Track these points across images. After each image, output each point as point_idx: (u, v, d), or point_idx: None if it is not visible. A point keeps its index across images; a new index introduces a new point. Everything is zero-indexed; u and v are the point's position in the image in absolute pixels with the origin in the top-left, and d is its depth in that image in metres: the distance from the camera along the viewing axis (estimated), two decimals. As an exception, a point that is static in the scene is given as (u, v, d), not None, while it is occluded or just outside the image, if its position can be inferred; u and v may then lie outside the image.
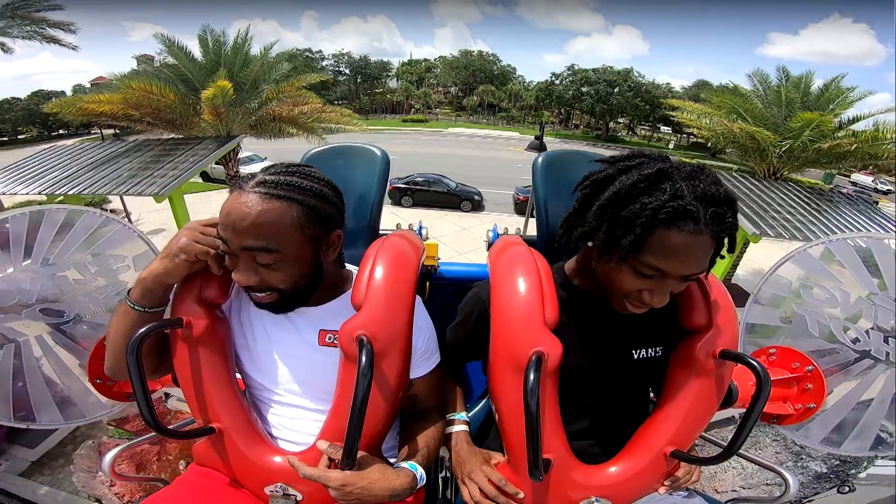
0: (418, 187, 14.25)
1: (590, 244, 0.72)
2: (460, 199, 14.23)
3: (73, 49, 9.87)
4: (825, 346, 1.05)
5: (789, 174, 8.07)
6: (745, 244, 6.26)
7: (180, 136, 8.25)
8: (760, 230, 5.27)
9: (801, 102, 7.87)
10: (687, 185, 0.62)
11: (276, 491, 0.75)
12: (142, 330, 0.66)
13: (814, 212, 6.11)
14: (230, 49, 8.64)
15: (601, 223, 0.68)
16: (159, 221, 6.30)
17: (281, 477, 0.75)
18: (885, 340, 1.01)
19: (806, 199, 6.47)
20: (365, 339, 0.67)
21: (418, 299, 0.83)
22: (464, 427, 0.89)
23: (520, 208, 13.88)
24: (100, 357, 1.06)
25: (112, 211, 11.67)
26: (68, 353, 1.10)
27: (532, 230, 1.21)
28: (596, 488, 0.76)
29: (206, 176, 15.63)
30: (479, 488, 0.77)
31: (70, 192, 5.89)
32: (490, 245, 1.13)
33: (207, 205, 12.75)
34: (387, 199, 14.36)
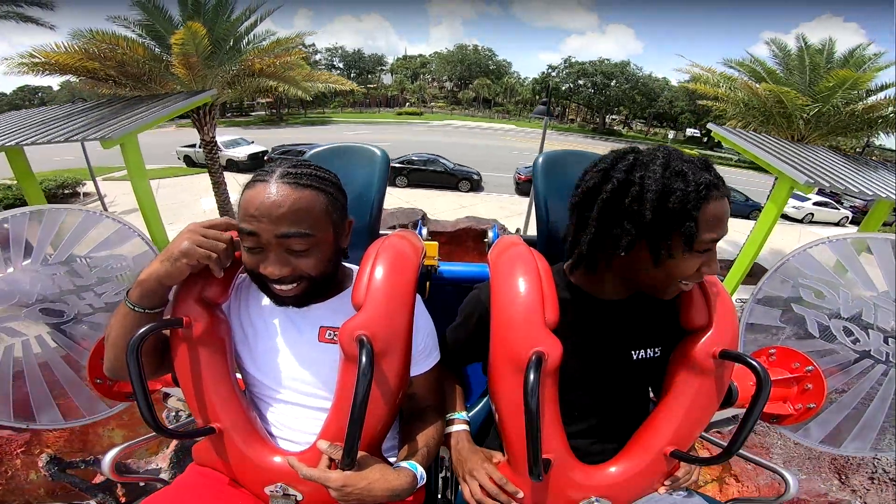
0: (413, 167, 13.71)
1: (641, 252, 0.70)
2: (458, 179, 13.71)
3: (51, 28, 8.63)
4: (825, 346, 1.05)
5: (815, 142, 7.41)
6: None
7: (148, 95, 7.16)
8: (814, 180, 4.81)
9: (826, 68, 7.40)
10: (683, 164, 0.67)
11: (276, 491, 0.75)
12: (141, 330, 0.66)
13: (856, 171, 5.68)
14: (211, 7, 7.51)
15: (645, 226, 0.67)
16: (133, 202, 6.11)
17: (281, 477, 0.75)
18: (885, 340, 1.01)
19: (844, 161, 6.08)
20: (365, 339, 0.67)
21: (418, 297, 0.83)
22: (464, 426, 0.89)
23: (521, 188, 13.52)
24: (100, 357, 1.06)
25: (85, 194, 11.80)
26: (68, 352, 1.10)
27: (532, 231, 1.21)
28: (596, 488, 0.76)
29: (189, 161, 15.32)
30: (480, 486, 0.77)
31: (6, 144, 5.11)
32: (490, 245, 1.13)
33: (190, 185, 12.74)
34: None
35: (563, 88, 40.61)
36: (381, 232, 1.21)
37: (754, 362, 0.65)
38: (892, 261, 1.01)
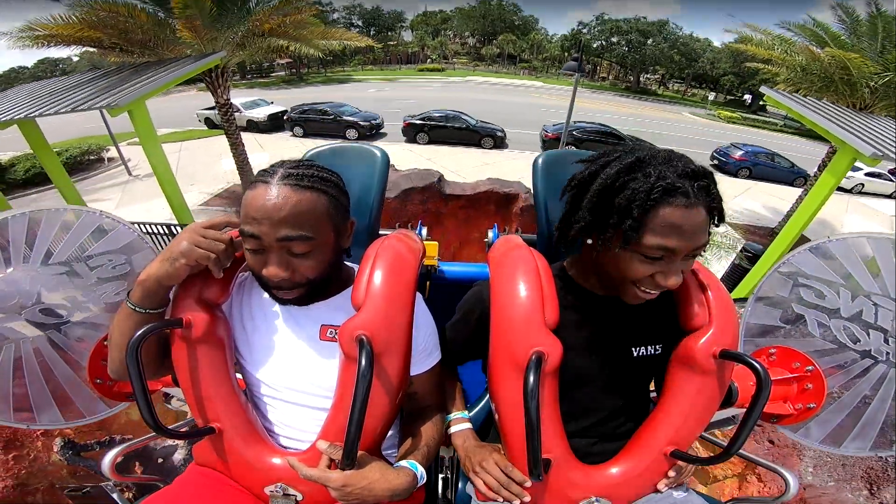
0: (434, 123, 13.32)
1: (589, 241, 0.73)
2: (481, 136, 13.29)
3: (55, 1, 7.83)
4: (825, 346, 1.05)
5: (880, 112, 7.02)
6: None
7: (154, 60, 7.01)
8: (881, 152, 4.44)
9: None
10: (666, 167, 0.65)
11: (276, 491, 0.75)
12: (141, 331, 0.66)
13: None
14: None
15: (596, 215, 0.70)
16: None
17: (281, 477, 0.75)
18: (885, 340, 1.01)
19: None
20: (365, 339, 0.67)
21: (419, 296, 0.83)
22: (468, 425, 0.90)
23: (549, 146, 12.98)
24: (100, 357, 1.06)
25: (110, 160, 11.95)
26: (68, 353, 1.10)
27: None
28: (596, 488, 0.76)
29: (210, 123, 15.27)
30: (493, 476, 0.76)
31: (15, 118, 5.11)
32: (490, 245, 1.13)
33: (210, 147, 12.84)
34: (400, 135, 13.78)
35: (595, 46, 38.89)
36: (381, 232, 1.21)
37: (755, 362, 0.65)
38: (893, 261, 1.01)
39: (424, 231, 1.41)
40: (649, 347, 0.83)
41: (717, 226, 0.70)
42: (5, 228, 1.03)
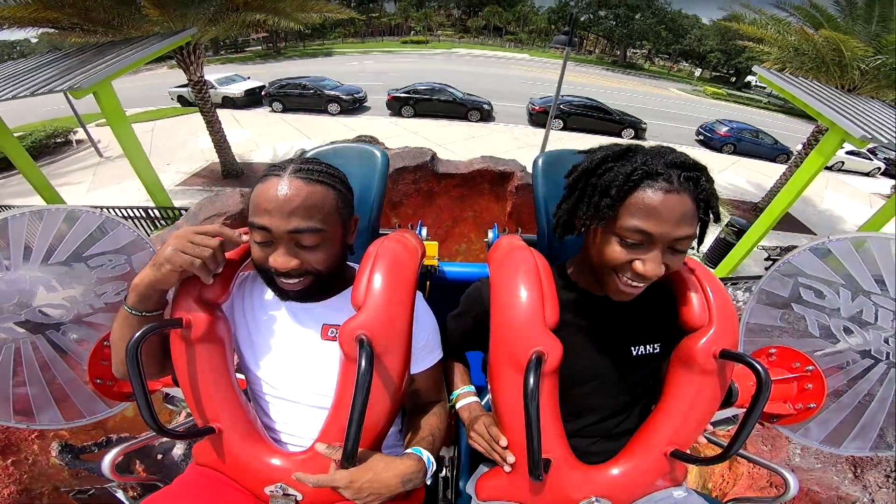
0: (420, 96, 13.18)
1: (578, 225, 0.75)
2: (468, 109, 13.16)
3: None
4: (825, 346, 1.05)
5: (867, 94, 7.04)
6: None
7: (119, 39, 6.52)
8: (871, 135, 4.44)
9: None
10: (655, 156, 0.66)
11: (276, 491, 0.75)
12: (140, 331, 0.66)
13: None
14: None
15: (581, 196, 0.72)
16: None
17: (281, 477, 0.75)
18: (885, 340, 1.01)
19: None
20: (365, 339, 0.67)
21: (419, 294, 0.84)
22: (474, 398, 0.92)
23: (535, 119, 13.06)
24: (99, 357, 1.06)
25: (78, 142, 11.54)
26: (68, 353, 1.10)
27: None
28: (596, 488, 0.76)
29: (183, 101, 14.96)
30: (482, 438, 0.80)
31: None
32: (490, 245, 1.13)
33: (184, 126, 12.42)
34: (385, 109, 13.57)
35: (583, 19, 38.78)
36: (380, 231, 1.21)
37: (755, 362, 0.65)
38: (893, 261, 1.01)
39: (424, 231, 1.41)
40: (648, 347, 0.83)
41: (715, 222, 0.70)
42: (5, 228, 1.03)
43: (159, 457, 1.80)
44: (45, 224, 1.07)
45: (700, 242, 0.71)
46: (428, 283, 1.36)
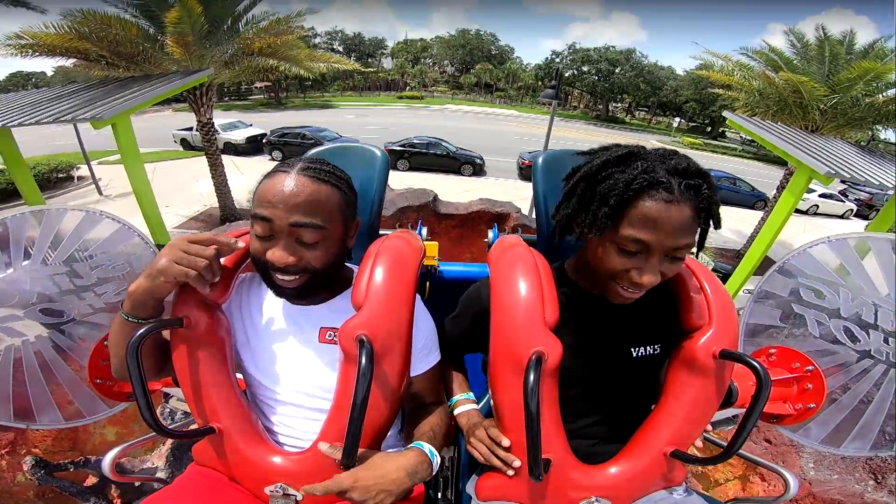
0: (415, 150, 13.60)
1: (574, 234, 0.75)
2: (461, 163, 13.60)
3: (42, 12, 7.72)
4: (825, 346, 1.05)
5: (829, 133, 7.47)
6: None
7: (139, 75, 6.87)
8: (834, 171, 4.74)
9: (846, 59, 7.41)
10: (658, 162, 0.65)
11: (276, 491, 0.75)
12: (140, 331, 0.66)
13: (872, 163, 5.65)
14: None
15: (580, 203, 0.71)
16: (128, 186, 5.82)
17: (281, 477, 0.75)
18: (885, 340, 1.01)
19: (859, 151, 6.07)
20: (365, 339, 0.67)
21: (418, 298, 0.83)
22: (472, 405, 0.90)
23: (524, 174, 13.42)
24: (100, 357, 1.06)
25: (80, 178, 11.57)
26: (68, 353, 1.10)
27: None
28: (596, 488, 0.76)
29: (186, 144, 15.18)
30: (483, 444, 0.78)
31: None
32: (490, 245, 1.13)
33: (185, 169, 12.55)
34: None
35: (567, 75, 40.20)
36: (381, 232, 1.21)
37: (755, 362, 0.65)
38: (893, 261, 1.01)
39: (424, 231, 1.41)
40: (648, 347, 0.83)
41: (715, 228, 0.70)
42: (6, 228, 1.03)
43: (159, 457, 1.79)
44: (46, 224, 1.08)
45: (700, 248, 0.71)
46: (428, 283, 1.36)
